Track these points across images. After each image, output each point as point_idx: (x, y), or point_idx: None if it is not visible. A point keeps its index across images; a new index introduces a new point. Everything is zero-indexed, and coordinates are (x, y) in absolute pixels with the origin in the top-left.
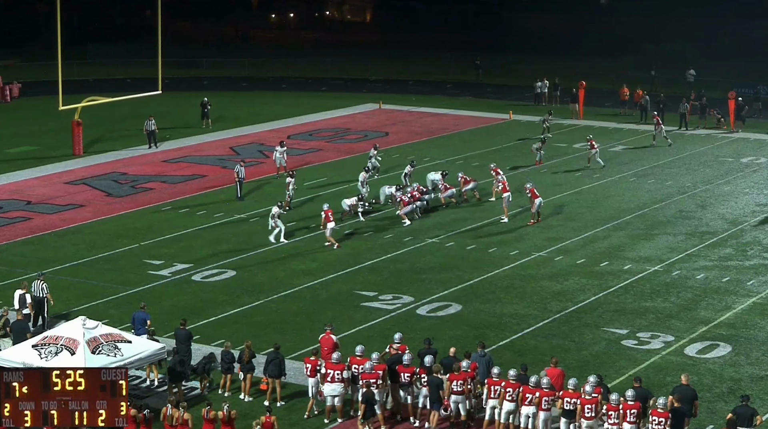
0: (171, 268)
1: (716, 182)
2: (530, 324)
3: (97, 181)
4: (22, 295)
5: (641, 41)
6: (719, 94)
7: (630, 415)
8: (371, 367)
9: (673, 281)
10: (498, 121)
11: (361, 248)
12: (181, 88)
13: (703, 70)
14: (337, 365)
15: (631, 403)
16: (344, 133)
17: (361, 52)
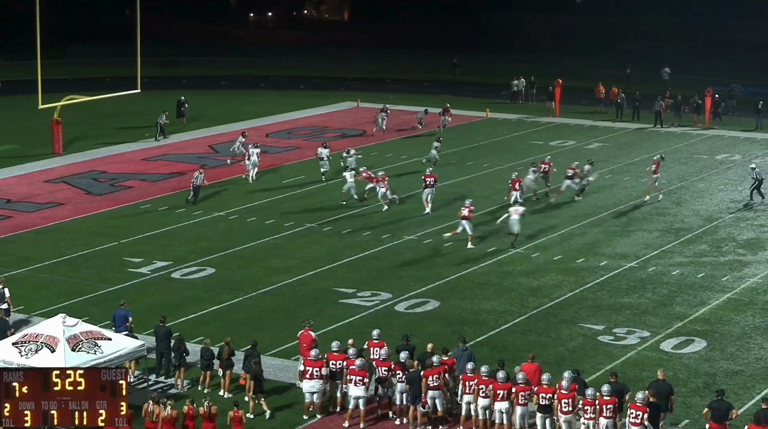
0: (150, 266)
1: (691, 179)
2: (507, 320)
3: (76, 180)
4: (0, 291)
5: (616, 40)
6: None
7: (606, 410)
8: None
9: (648, 277)
10: (475, 119)
11: (339, 245)
12: (160, 86)
13: (677, 69)
14: (316, 362)
15: (607, 398)
16: (322, 131)
17: (339, 51)
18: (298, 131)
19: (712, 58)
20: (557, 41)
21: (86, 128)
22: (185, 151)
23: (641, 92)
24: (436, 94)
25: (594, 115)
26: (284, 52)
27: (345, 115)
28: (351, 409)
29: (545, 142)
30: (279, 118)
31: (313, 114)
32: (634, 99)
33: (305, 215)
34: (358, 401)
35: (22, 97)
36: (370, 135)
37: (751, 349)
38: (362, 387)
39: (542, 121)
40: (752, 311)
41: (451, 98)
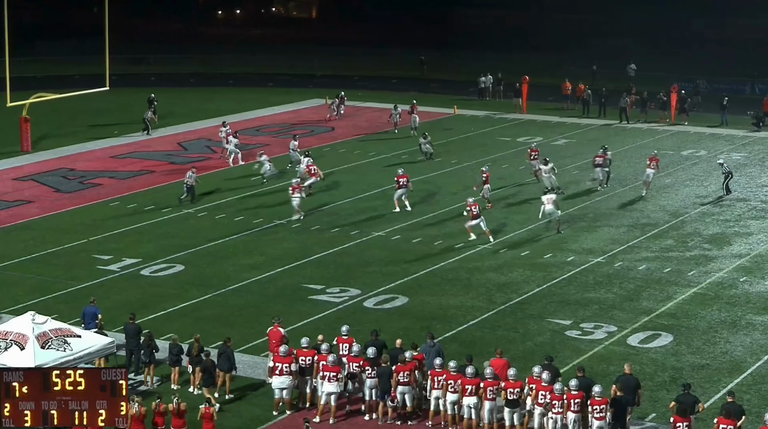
0: (120, 263)
1: (657, 175)
2: (476, 315)
3: (45, 177)
4: None
5: (582, 37)
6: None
7: (574, 404)
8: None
9: (615, 272)
10: (443, 115)
11: (308, 242)
12: (128, 84)
13: (643, 66)
14: (285, 358)
15: (574, 392)
16: (290, 127)
17: (307, 48)
18: (267, 128)
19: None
20: (524, 38)
21: (55, 126)
22: (154, 148)
23: (607, 89)
24: (404, 90)
25: (561, 111)
26: (252, 49)
27: (313, 111)
28: (322, 404)
29: (512, 138)
30: (247, 115)
31: (281, 111)
32: (600, 95)
33: (274, 212)
34: (330, 397)
35: None
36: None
37: (717, 343)
38: (335, 383)
39: (509, 118)
40: (718, 306)
41: (419, 95)
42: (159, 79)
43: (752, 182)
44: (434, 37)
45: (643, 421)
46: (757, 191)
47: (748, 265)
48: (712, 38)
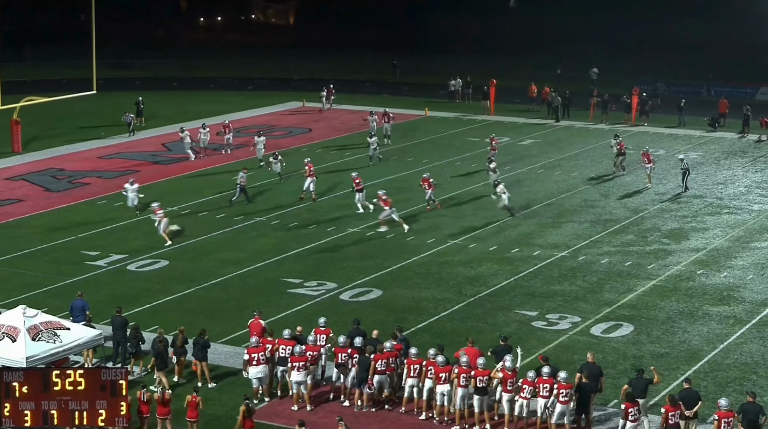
0: (107, 259)
1: (619, 173)
2: (447, 307)
3: (35, 177)
4: None
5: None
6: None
7: (543, 389)
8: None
9: (579, 266)
10: (415, 117)
11: (286, 238)
12: (114, 88)
13: (605, 69)
14: (258, 348)
15: (545, 378)
16: (270, 129)
17: (284, 53)
18: (247, 130)
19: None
20: (491, 43)
21: (44, 128)
22: (139, 149)
23: (571, 91)
24: (377, 93)
25: (527, 113)
26: (233, 54)
27: (291, 113)
28: (295, 393)
29: (481, 138)
30: (228, 117)
31: (261, 113)
32: (564, 97)
33: (254, 210)
34: (300, 386)
35: None
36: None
37: (675, 333)
38: (303, 372)
39: (478, 119)
40: (676, 297)
41: (392, 98)
42: (143, 83)
43: (708, 180)
44: (406, 42)
45: (606, 407)
46: (713, 189)
47: (705, 259)
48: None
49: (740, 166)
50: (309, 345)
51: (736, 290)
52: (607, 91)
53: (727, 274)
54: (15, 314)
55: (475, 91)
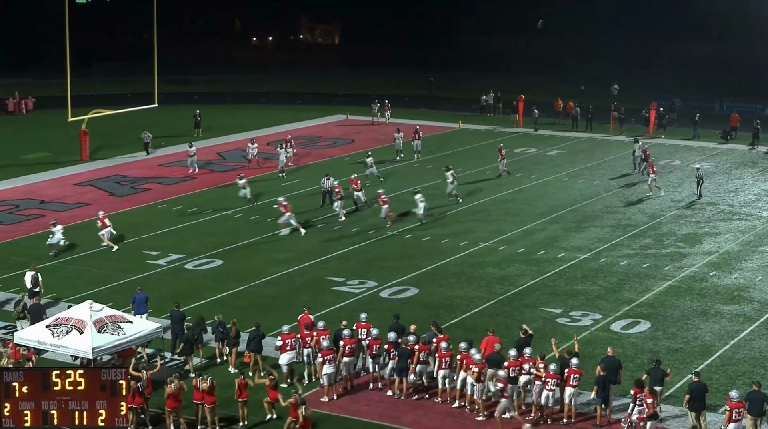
0: (166, 258)
1: (637, 182)
2: (478, 305)
3: (101, 183)
4: (33, 276)
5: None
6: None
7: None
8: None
9: (600, 267)
10: (449, 129)
11: (331, 240)
12: (174, 101)
13: (624, 85)
14: (290, 335)
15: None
16: (316, 140)
17: (330, 71)
18: (295, 141)
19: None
20: (520, 61)
21: (110, 138)
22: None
23: (593, 106)
24: (415, 107)
25: (552, 126)
26: (282, 71)
27: (336, 126)
28: (326, 386)
29: (510, 149)
30: (278, 128)
31: (307, 125)
32: (587, 112)
33: (302, 214)
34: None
35: (54, 111)
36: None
37: (689, 330)
38: (333, 365)
39: (507, 131)
40: (690, 297)
41: (428, 111)
42: (200, 97)
43: (720, 188)
44: (441, 60)
45: (625, 398)
46: (725, 196)
47: (717, 261)
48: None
49: (750, 175)
50: (346, 339)
51: (746, 290)
52: (626, 106)
53: (738, 275)
54: (82, 308)
55: (505, 106)
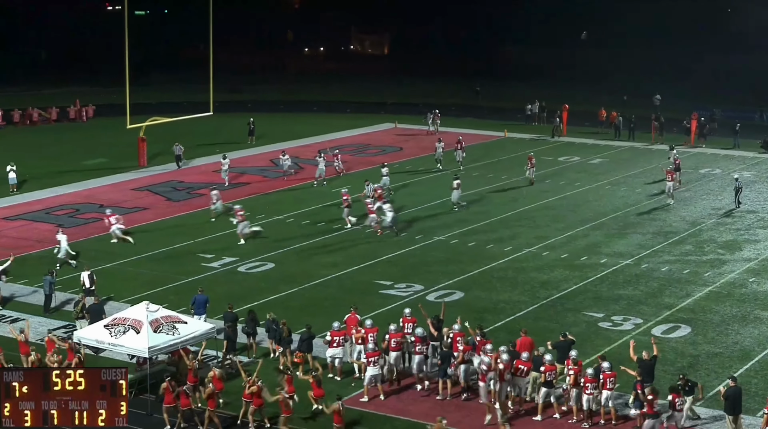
0: (220, 261)
1: (678, 190)
2: (521, 309)
3: (158, 188)
4: (90, 275)
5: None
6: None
7: (609, 383)
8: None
9: (642, 273)
10: (495, 138)
11: (379, 244)
12: (228, 110)
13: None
14: (339, 332)
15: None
16: (365, 147)
17: (379, 80)
18: (345, 148)
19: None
20: (565, 72)
21: (167, 145)
22: (249, 164)
23: (636, 116)
24: (462, 116)
25: (596, 135)
26: (333, 80)
27: (385, 134)
28: (368, 386)
29: (554, 157)
30: (329, 136)
31: (357, 133)
32: (629, 121)
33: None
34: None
35: (113, 118)
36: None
37: (728, 335)
38: (377, 367)
39: (552, 140)
40: (730, 302)
41: (474, 120)
42: (254, 106)
43: (760, 197)
44: (488, 70)
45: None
46: (765, 204)
47: (757, 268)
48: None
49: None
50: (392, 333)
51: None
52: (668, 116)
53: None
54: (139, 309)
55: (549, 115)
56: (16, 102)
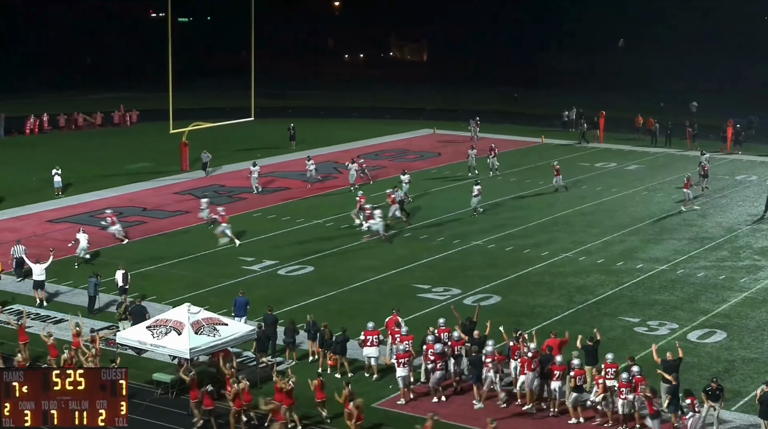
0: (261, 264)
1: (714, 196)
2: (558, 313)
3: (200, 192)
4: (124, 274)
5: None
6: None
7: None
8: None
9: (677, 278)
10: (532, 144)
11: (417, 248)
12: (269, 115)
13: (703, 103)
14: (374, 332)
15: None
16: (404, 153)
17: (418, 86)
18: (384, 153)
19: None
20: (601, 78)
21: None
22: (290, 169)
23: (672, 122)
24: (500, 123)
25: (632, 141)
26: (373, 86)
27: (423, 139)
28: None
29: (591, 163)
30: (368, 142)
31: (396, 139)
32: (666, 128)
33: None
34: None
35: (156, 123)
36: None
37: (764, 340)
38: (407, 368)
39: (589, 146)
40: (766, 308)
41: (511, 126)
42: (294, 111)
43: None
44: (526, 77)
45: None
46: None
47: None
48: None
49: None
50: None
51: None
52: (705, 123)
53: None
54: (181, 311)
55: (586, 121)
56: (62, 107)
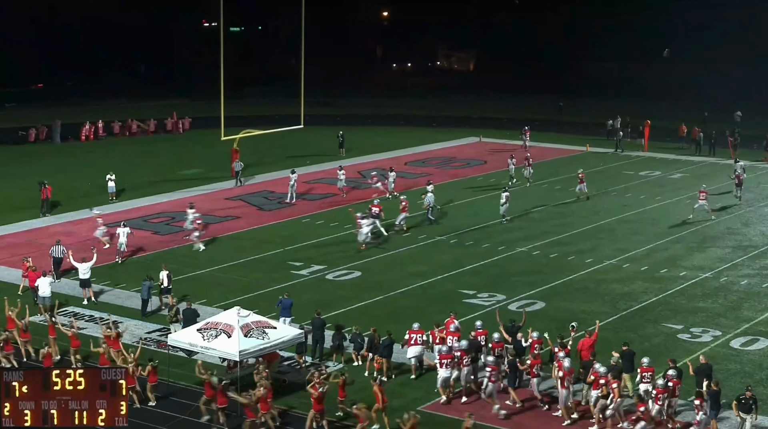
0: (309, 269)
1: (758, 205)
2: (602, 319)
3: (250, 198)
4: (168, 274)
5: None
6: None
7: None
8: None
9: (721, 286)
10: (577, 152)
11: (463, 255)
12: (318, 123)
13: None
14: (418, 331)
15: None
16: (450, 160)
17: (465, 95)
18: (431, 161)
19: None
20: (646, 88)
21: (259, 156)
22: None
23: (716, 132)
24: (545, 131)
25: (677, 150)
26: (420, 95)
27: (469, 147)
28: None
29: (635, 172)
30: (415, 149)
31: (443, 147)
32: (710, 137)
33: (435, 229)
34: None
35: (208, 131)
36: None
37: None
38: (449, 369)
39: (633, 155)
40: None
41: (557, 135)
42: (343, 119)
43: None
44: (571, 86)
45: None
46: None
47: None
48: None
49: None
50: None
51: None
52: (749, 133)
53: None
54: (231, 314)
55: (631, 130)
56: (116, 114)
